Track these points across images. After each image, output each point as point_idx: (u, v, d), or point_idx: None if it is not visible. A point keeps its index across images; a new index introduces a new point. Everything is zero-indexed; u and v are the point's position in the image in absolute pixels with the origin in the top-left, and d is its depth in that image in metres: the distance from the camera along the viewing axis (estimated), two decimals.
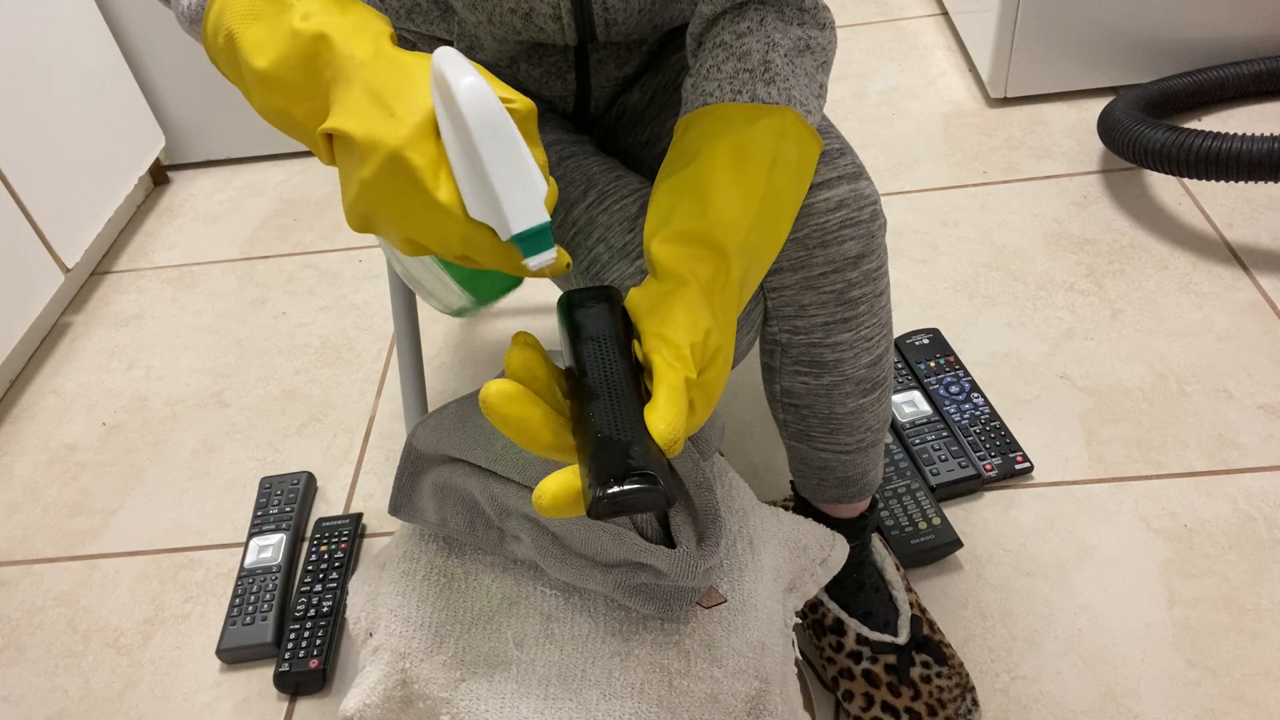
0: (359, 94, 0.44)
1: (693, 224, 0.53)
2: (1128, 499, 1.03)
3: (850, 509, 0.87)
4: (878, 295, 0.71)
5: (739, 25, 0.63)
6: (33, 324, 1.46)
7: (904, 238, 1.43)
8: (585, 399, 0.44)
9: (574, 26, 0.73)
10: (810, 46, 0.64)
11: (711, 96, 0.61)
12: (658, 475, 0.40)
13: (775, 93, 0.60)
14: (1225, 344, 1.18)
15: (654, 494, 0.40)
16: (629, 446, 0.41)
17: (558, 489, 0.42)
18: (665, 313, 0.48)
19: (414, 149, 0.42)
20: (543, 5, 0.70)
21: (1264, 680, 0.87)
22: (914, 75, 1.80)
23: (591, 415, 0.43)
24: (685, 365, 0.45)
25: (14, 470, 1.28)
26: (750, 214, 0.54)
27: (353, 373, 1.35)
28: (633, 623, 0.63)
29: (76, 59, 1.56)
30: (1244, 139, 1.21)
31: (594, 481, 0.40)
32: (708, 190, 0.54)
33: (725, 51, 0.62)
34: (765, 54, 0.61)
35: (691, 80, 0.64)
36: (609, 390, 0.44)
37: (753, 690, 0.62)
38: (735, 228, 0.53)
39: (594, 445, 0.41)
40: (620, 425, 0.42)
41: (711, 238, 0.52)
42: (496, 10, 0.70)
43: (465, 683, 0.63)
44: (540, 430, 0.44)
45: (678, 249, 0.52)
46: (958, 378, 1.17)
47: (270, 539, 1.09)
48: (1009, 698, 0.88)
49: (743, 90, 0.60)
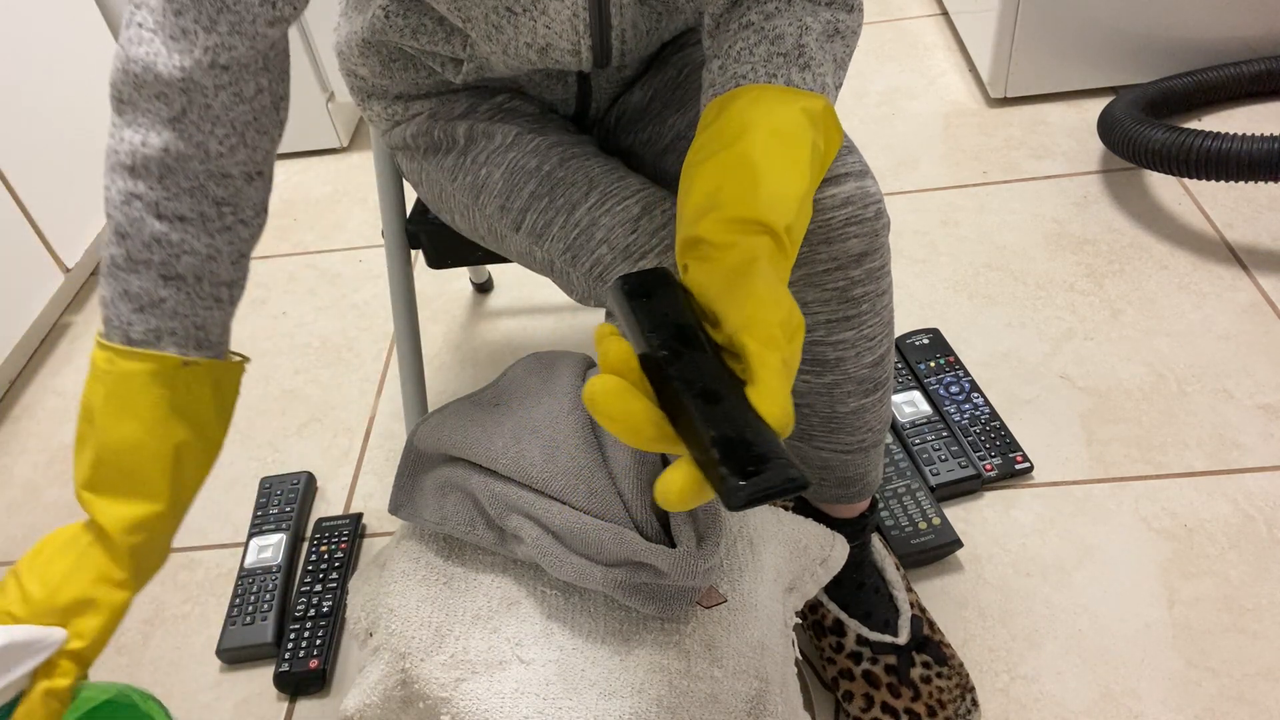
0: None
1: (746, 205, 0.51)
2: (1128, 499, 1.03)
3: (850, 509, 0.87)
4: (880, 294, 0.71)
5: (766, 5, 0.61)
6: (33, 324, 1.46)
7: (904, 238, 1.43)
8: (680, 388, 0.42)
9: (590, 59, 0.73)
10: (839, 30, 0.62)
11: (745, 79, 0.59)
12: (791, 460, 0.39)
13: (810, 79, 0.59)
14: (1225, 344, 1.18)
15: (795, 479, 0.39)
16: (753, 433, 0.40)
17: (684, 483, 0.41)
18: (747, 292, 0.46)
19: None
20: (561, 41, 0.70)
21: (1264, 680, 0.87)
22: (914, 75, 1.80)
23: (695, 404, 0.41)
24: (778, 346, 0.44)
25: (14, 470, 1.28)
26: (798, 197, 0.53)
27: (353, 373, 1.35)
28: (633, 623, 0.63)
29: (77, 59, 1.56)
30: (1244, 139, 1.21)
31: (730, 471, 0.39)
32: (757, 171, 0.52)
33: (756, 34, 0.60)
34: (799, 37, 0.59)
35: (720, 62, 0.61)
36: (704, 377, 0.43)
37: (753, 690, 0.62)
38: (786, 210, 0.52)
39: (714, 434, 0.40)
40: (731, 413, 0.41)
41: (765, 219, 0.51)
42: (513, 44, 0.70)
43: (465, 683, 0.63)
44: (644, 424, 0.43)
45: (734, 228, 0.50)
46: (958, 378, 1.17)
47: (270, 539, 1.09)
48: (1009, 698, 0.88)
49: (777, 74, 0.58)
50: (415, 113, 0.83)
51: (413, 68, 0.80)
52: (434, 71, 0.80)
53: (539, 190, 0.73)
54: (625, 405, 0.43)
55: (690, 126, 0.78)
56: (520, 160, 0.75)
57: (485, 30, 0.69)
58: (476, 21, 0.69)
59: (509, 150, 0.76)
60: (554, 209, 0.72)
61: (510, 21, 0.68)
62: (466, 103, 0.81)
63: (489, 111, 0.80)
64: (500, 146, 0.77)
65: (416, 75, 0.80)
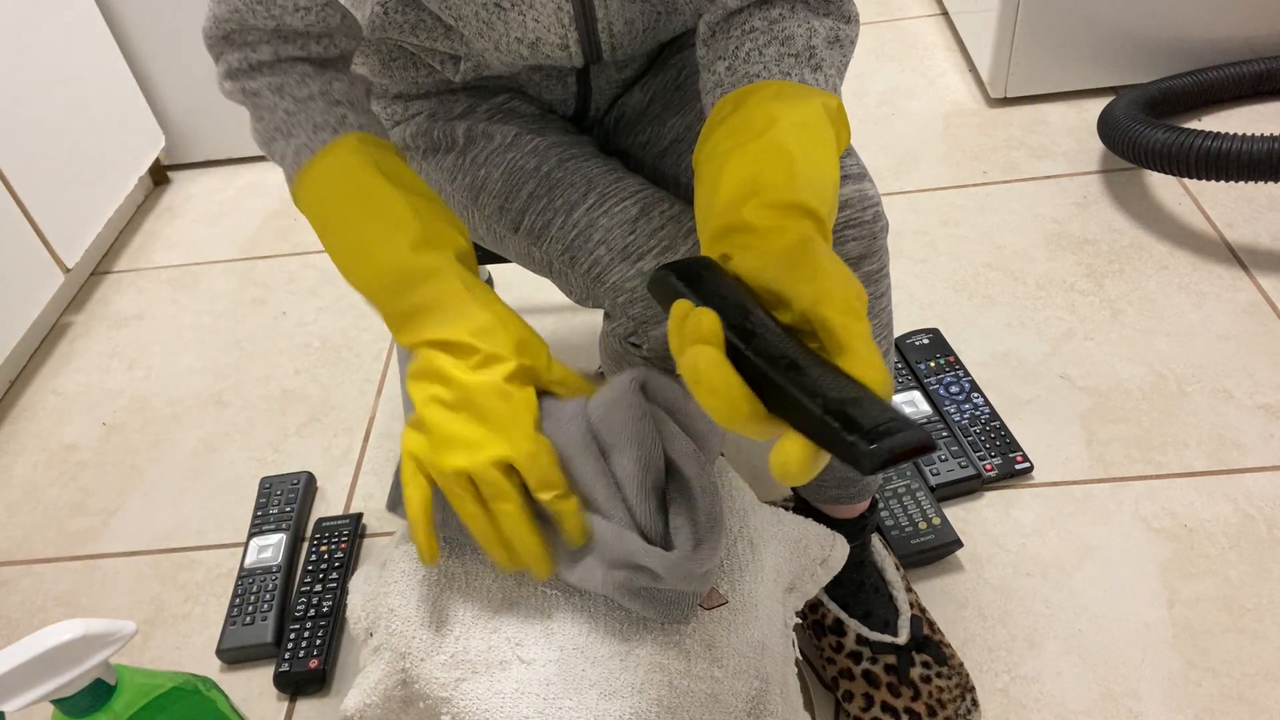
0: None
1: (789, 189, 0.51)
2: (1128, 499, 1.03)
3: (850, 509, 0.87)
4: (879, 297, 0.71)
5: (769, 12, 0.62)
6: (33, 324, 1.46)
7: (904, 238, 1.43)
8: (764, 365, 0.42)
9: (580, 54, 0.73)
10: (840, 39, 0.63)
11: (758, 76, 0.59)
12: (913, 421, 0.39)
13: (822, 79, 0.59)
14: (1225, 344, 1.18)
15: (925, 439, 0.38)
16: (865, 399, 0.40)
17: (801, 455, 0.41)
18: (814, 268, 0.46)
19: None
20: (550, 36, 0.70)
21: (1264, 680, 0.87)
22: (914, 75, 1.80)
23: (789, 378, 0.41)
24: (860, 315, 0.44)
25: (14, 470, 1.28)
26: (833, 184, 0.54)
27: (353, 373, 1.35)
28: (633, 623, 0.63)
29: (76, 59, 1.56)
30: (1244, 139, 1.21)
31: (859, 437, 0.38)
32: (793, 158, 0.52)
33: (764, 36, 0.61)
34: (808, 39, 0.60)
35: (727, 64, 0.61)
36: (787, 352, 0.42)
37: (753, 690, 0.62)
38: (825, 196, 0.52)
39: (824, 403, 0.40)
40: (833, 383, 0.41)
41: (808, 204, 0.51)
42: (504, 39, 0.70)
43: (465, 683, 0.63)
44: (741, 400, 0.42)
45: (780, 213, 0.50)
46: (958, 378, 1.17)
47: (270, 539, 1.09)
48: (1009, 698, 0.88)
49: (790, 73, 0.59)
50: (415, 113, 0.83)
51: (413, 66, 0.80)
52: (434, 70, 0.80)
53: (538, 191, 0.73)
54: (727, 378, 0.42)
55: (689, 129, 0.78)
56: (519, 161, 0.75)
57: (477, 27, 0.70)
58: (468, 19, 0.69)
59: (508, 151, 0.76)
60: (552, 210, 0.72)
61: (500, 17, 0.68)
62: (466, 103, 0.81)
63: (488, 112, 0.80)
64: (499, 147, 0.77)
65: (416, 74, 0.80)
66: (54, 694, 0.59)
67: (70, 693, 0.60)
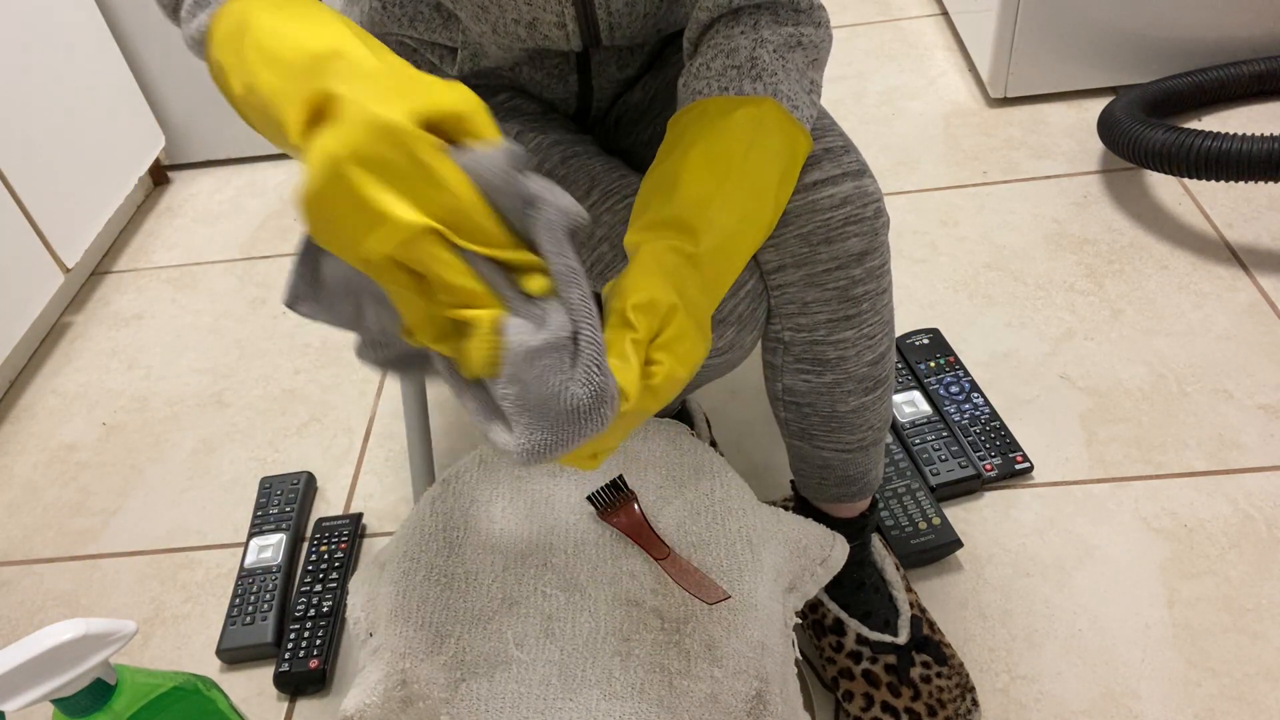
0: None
1: (661, 211, 0.56)
2: (1128, 499, 1.03)
3: (850, 509, 0.87)
4: (880, 293, 0.71)
5: (733, 28, 0.64)
6: (33, 324, 1.46)
7: (904, 238, 1.43)
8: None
9: (578, 34, 0.73)
10: (801, 42, 0.65)
11: (700, 94, 0.63)
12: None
13: (761, 87, 0.62)
14: (1225, 344, 1.18)
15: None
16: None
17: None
18: (615, 286, 0.51)
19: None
20: (547, 15, 0.70)
21: (1264, 680, 0.87)
22: (914, 75, 1.80)
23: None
24: (628, 326, 0.49)
25: (14, 470, 1.28)
26: (718, 190, 0.57)
27: (353, 373, 1.35)
28: (633, 622, 0.63)
29: (76, 59, 1.56)
30: (1244, 139, 1.21)
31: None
32: (679, 179, 0.57)
33: (715, 50, 0.64)
34: (753, 50, 0.63)
35: (683, 80, 0.65)
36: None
37: (753, 690, 0.62)
38: (701, 204, 0.56)
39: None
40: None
41: (678, 218, 0.55)
42: (500, 21, 0.70)
43: (465, 683, 0.63)
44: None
45: (646, 234, 0.55)
46: (958, 378, 1.17)
47: (270, 539, 1.09)
48: (1009, 698, 0.88)
49: (730, 86, 0.62)
50: None
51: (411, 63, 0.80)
52: (433, 66, 0.80)
53: None
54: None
55: None
56: None
57: (473, 10, 0.70)
58: (464, 2, 0.69)
59: None
60: None
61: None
62: None
63: (490, 110, 0.80)
64: None
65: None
66: (54, 694, 0.59)
67: (70, 693, 0.60)
